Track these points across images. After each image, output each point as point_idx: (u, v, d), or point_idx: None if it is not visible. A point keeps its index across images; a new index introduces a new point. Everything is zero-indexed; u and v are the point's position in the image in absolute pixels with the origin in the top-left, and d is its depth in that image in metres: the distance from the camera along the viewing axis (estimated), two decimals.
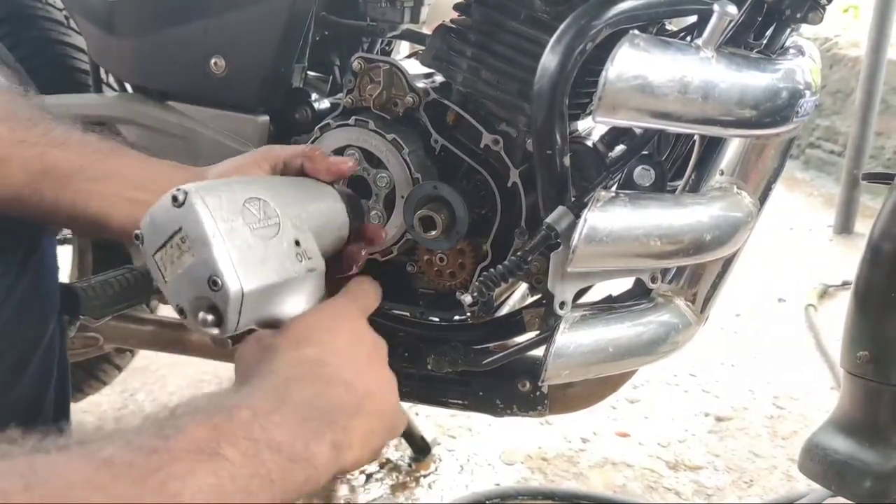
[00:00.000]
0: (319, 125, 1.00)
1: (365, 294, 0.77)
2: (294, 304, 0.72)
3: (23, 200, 0.75)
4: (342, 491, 1.62)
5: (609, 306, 0.92)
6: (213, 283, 0.65)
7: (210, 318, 0.66)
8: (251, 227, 0.69)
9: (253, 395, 0.59)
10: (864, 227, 3.25)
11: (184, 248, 0.66)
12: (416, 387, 1.05)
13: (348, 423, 0.62)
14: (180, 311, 0.69)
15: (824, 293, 2.61)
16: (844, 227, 3.30)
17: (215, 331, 0.67)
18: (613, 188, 0.91)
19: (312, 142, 1.00)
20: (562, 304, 0.86)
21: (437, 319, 1.05)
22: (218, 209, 0.66)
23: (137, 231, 0.69)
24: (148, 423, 0.53)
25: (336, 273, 0.81)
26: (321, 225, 0.78)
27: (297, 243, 0.72)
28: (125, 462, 0.48)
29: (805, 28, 0.88)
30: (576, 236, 0.79)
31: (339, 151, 0.99)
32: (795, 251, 3.12)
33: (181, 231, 0.66)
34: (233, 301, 0.65)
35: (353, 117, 0.97)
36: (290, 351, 0.66)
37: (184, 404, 0.56)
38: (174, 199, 0.66)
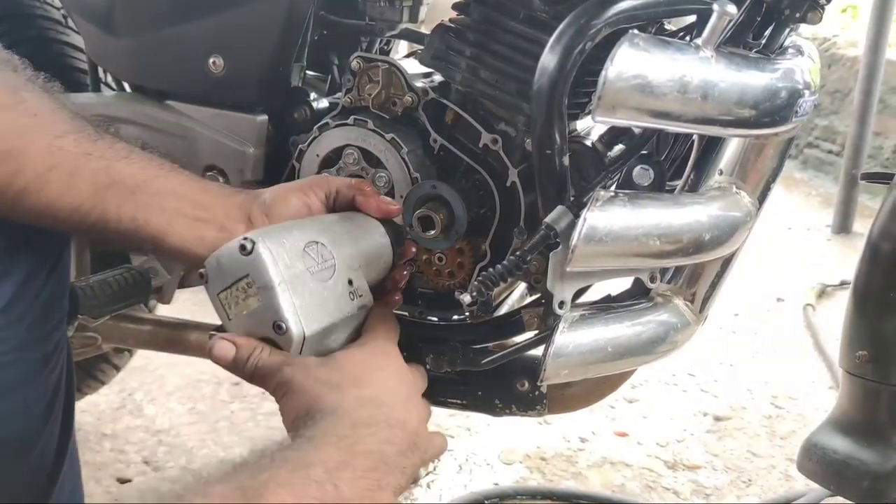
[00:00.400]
0: (318, 124, 0.99)
1: (395, 328, 0.83)
2: (344, 339, 0.80)
3: (84, 213, 0.75)
4: None
5: (608, 306, 0.92)
6: (278, 327, 0.72)
7: None
8: (311, 272, 0.75)
9: (323, 447, 0.64)
10: (862, 226, 3.25)
11: (250, 292, 0.72)
12: None
13: (406, 464, 0.69)
14: None
15: (822, 293, 2.61)
16: (843, 226, 3.30)
17: None
18: (612, 188, 0.91)
19: (311, 141, 0.99)
20: (561, 304, 0.86)
21: (435, 319, 1.04)
22: (282, 257, 0.72)
23: (202, 270, 0.74)
24: (232, 486, 0.58)
25: (377, 297, 0.86)
26: (370, 261, 0.84)
27: (350, 282, 0.79)
28: None
29: (803, 28, 0.88)
30: (575, 236, 0.79)
31: (339, 151, 0.99)
32: (794, 251, 3.12)
33: (248, 277, 0.72)
34: (295, 344, 0.72)
35: (353, 117, 0.97)
36: (351, 390, 0.71)
37: (264, 459, 0.62)
38: (242, 248, 0.72)
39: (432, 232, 0.93)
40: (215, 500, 0.57)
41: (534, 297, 1.02)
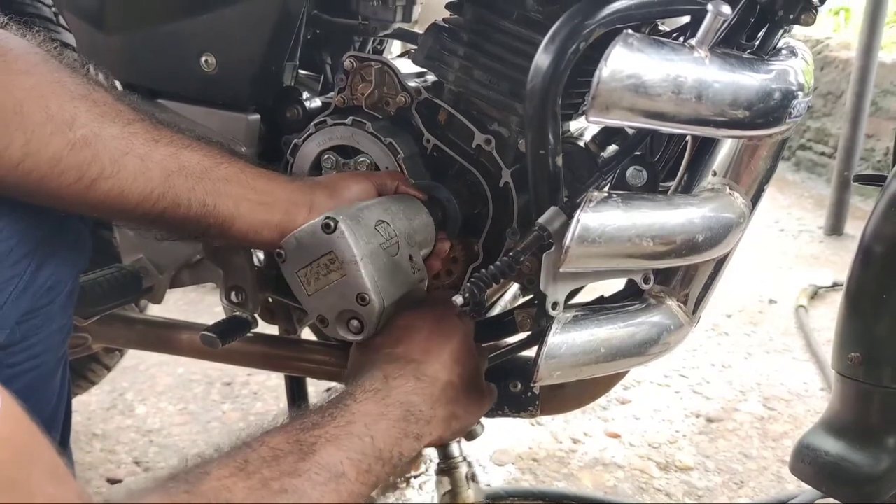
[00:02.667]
0: (314, 122, 0.99)
1: (444, 295, 0.89)
2: (407, 308, 0.86)
3: (155, 199, 0.77)
4: None
5: (601, 307, 0.92)
6: (362, 299, 0.79)
7: (356, 325, 0.82)
8: (383, 248, 0.82)
9: (362, 402, 0.73)
10: (854, 228, 3.26)
11: (332, 267, 0.79)
12: None
13: (432, 414, 0.78)
14: (322, 321, 0.82)
15: (815, 294, 2.62)
16: (835, 228, 3.31)
17: (359, 337, 0.82)
18: (606, 188, 0.91)
19: (305, 138, 0.99)
20: (554, 305, 0.86)
21: None
22: (361, 235, 0.79)
23: (280, 250, 0.80)
24: (287, 437, 0.66)
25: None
26: (423, 238, 0.91)
27: (411, 258, 0.87)
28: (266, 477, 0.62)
29: (796, 30, 0.88)
30: (568, 237, 0.79)
31: (341, 149, 0.99)
32: (786, 253, 3.13)
33: (331, 254, 0.78)
34: (377, 314, 0.80)
35: (351, 117, 0.97)
36: (386, 348, 0.81)
37: (316, 414, 0.70)
38: (326, 226, 0.78)
39: None
40: (274, 448, 0.64)
41: (527, 298, 1.01)
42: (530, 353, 0.93)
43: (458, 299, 0.83)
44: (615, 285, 0.95)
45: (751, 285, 2.68)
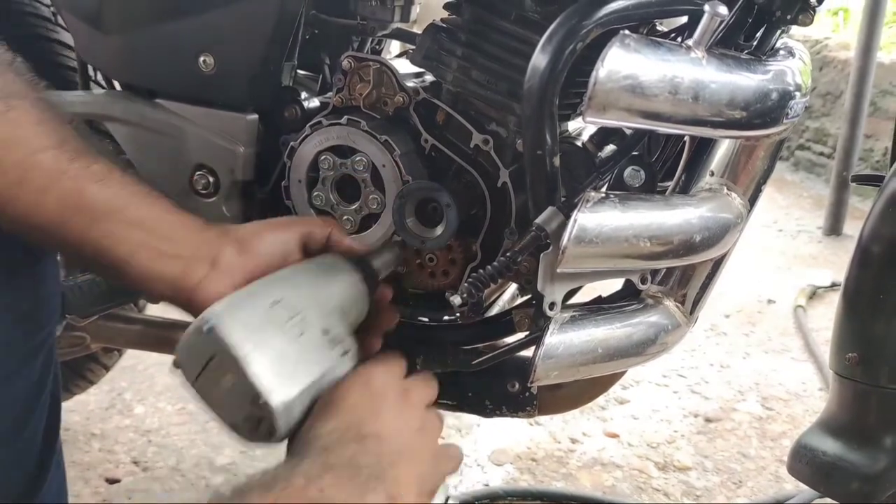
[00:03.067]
0: (311, 123, 0.99)
1: (387, 358, 0.80)
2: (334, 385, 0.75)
3: (48, 232, 0.74)
4: None
5: (598, 307, 0.92)
6: (256, 399, 0.68)
7: (265, 429, 0.69)
8: (281, 331, 0.71)
9: (300, 464, 0.65)
10: (852, 228, 3.26)
11: (220, 372, 0.69)
12: None
13: (395, 473, 0.68)
14: (235, 428, 0.71)
15: (813, 294, 2.62)
16: (833, 228, 3.32)
17: (272, 441, 0.71)
18: (603, 189, 0.91)
19: (301, 140, 0.99)
20: (552, 305, 0.86)
21: (426, 319, 1.04)
22: (245, 326, 0.69)
23: (175, 360, 0.71)
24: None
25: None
26: (344, 304, 0.80)
27: (326, 332, 0.75)
28: None
29: (794, 30, 0.88)
30: (565, 237, 0.79)
31: (338, 150, 0.99)
32: (785, 253, 3.13)
33: (216, 357, 0.68)
34: (279, 413, 0.68)
35: (346, 116, 0.97)
36: (319, 422, 0.70)
37: (247, 482, 0.63)
38: (200, 328, 0.68)
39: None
40: None
41: (525, 298, 1.01)
42: (528, 353, 0.93)
43: (457, 299, 0.83)
44: (613, 285, 0.95)
45: (749, 285, 2.68)
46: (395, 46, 1.37)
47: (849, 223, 3.29)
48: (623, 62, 0.74)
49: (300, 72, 1.16)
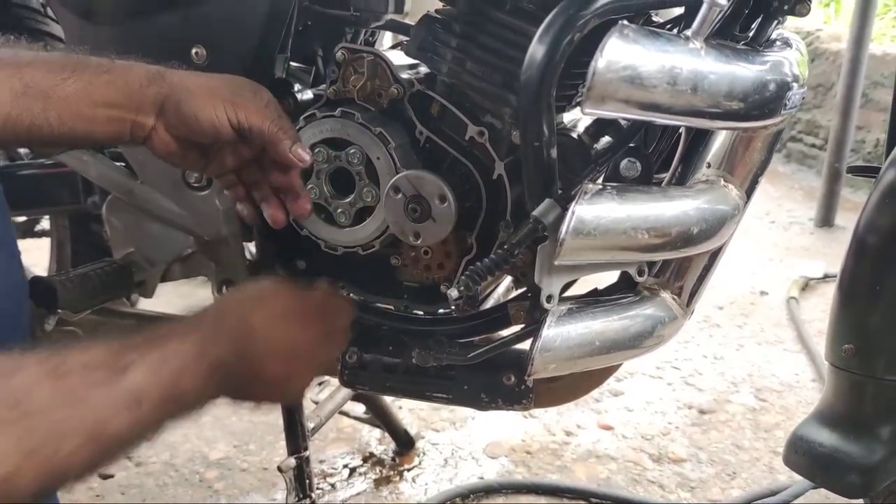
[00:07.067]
0: (304, 115, 0.98)
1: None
2: None
3: (14, 121, 0.77)
4: (324, 486, 1.61)
5: (595, 300, 0.92)
6: None
7: None
8: None
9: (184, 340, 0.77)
10: (844, 220, 3.28)
11: None
12: (401, 380, 1.05)
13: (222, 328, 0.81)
14: None
15: (806, 286, 2.62)
16: (825, 220, 3.33)
17: None
18: (600, 180, 0.90)
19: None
20: (549, 298, 0.85)
21: (421, 313, 1.04)
22: None
23: None
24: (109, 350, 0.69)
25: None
26: None
27: None
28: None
29: (787, 22, 0.88)
30: (563, 229, 0.78)
31: (333, 142, 0.98)
32: (777, 244, 3.14)
33: None
34: None
35: (339, 108, 0.96)
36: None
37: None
38: None
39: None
40: (91, 358, 0.66)
41: (520, 291, 1.01)
42: (524, 346, 0.93)
43: (453, 292, 0.82)
44: (609, 277, 0.95)
45: (742, 277, 2.69)
46: (388, 38, 1.36)
47: (841, 214, 3.31)
48: (622, 53, 0.73)
49: (293, 64, 1.15)
